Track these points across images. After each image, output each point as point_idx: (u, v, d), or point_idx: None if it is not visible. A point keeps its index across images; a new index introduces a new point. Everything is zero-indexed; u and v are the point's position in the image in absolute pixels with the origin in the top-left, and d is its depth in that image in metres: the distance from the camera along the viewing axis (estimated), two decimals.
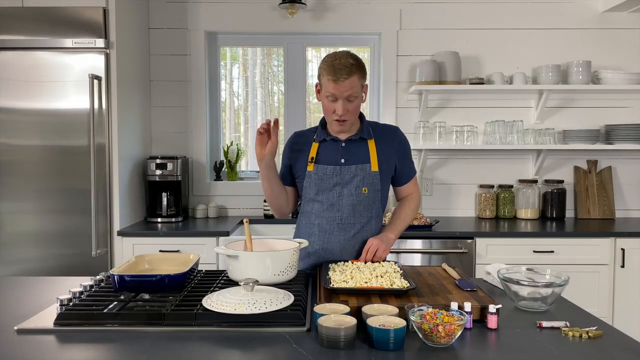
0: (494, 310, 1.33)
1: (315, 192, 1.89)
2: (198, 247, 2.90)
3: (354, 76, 1.75)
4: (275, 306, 1.31)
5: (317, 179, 1.87)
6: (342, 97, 1.76)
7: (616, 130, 3.33)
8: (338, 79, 1.74)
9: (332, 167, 1.86)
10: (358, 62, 1.78)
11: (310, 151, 1.90)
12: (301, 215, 1.99)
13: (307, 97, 3.67)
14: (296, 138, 1.98)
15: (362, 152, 1.88)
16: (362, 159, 1.87)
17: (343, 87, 1.74)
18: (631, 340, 1.26)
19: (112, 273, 1.48)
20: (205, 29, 3.48)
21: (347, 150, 1.88)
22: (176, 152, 3.51)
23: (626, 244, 2.92)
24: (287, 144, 1.99)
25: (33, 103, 2.85)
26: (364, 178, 1.86)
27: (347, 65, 1.74)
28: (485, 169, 3.53)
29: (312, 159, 1.89)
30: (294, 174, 1.96)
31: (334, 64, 1.75)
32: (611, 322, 2.88)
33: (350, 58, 1.77)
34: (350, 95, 1.76)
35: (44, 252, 2.88)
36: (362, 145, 1.89)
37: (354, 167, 1.86)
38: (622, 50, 3.46)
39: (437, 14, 3.46)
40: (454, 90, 3.35)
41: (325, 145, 1.91)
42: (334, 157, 1.88)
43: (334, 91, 1.76)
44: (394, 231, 1.91)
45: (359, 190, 1.86)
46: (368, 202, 1.88)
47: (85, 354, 1.18)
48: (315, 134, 1.93)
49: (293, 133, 2.02)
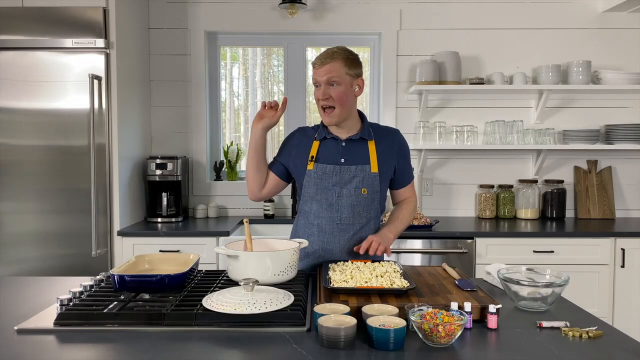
0: (494, 310, 1.33)
1: (315, 191, 1.88)
2: (198, 247, 2.90)
3: (335, 62, 1.79)
4: (275, 306, 1.31)
5: (316, 178, 1.87)
6: (322, 80, 1.80)
7: (616, 130, 3.33)
8: (317, 63, 1.81)
9: (331, 166, 1.86)
10: (344, 51, 1.82)
11: (311, 150, 1.91)
12: (299, 214, 1.99)
13: (307, 97, 3.67)
14: (299, 134, 1.99)
15: (362, 152, 1.88)
16: (362, 160, 1.87)
17: (322, 71, 1.80)
18: (631, 340, 1.26)
19: (112, 273, 1.48)
20: (205, 29, 3.48)
21: (347, 150, 1.88)
22: (176, 152, 3.51)
23: (626, 244, 2.92)
24: (289, 136, 1.99)
25: (33, 103, 2.85)
26: (364, 179, 1.86)
27: (330, 51, 1.82)
28: (485, 169, 3.53)
29: (312, 158, 1.89)
30: (292, 170, 1.95)
31: (320, 53, 1.83)
32: (611, 322, 2.88)
33: (336, 47, 1.83)
34: (329, 79, 1.78)
35: (44, 252, 2.88)
36: (362, 146, 1.89)
37: (353, 167, 1.85)
38: (622, 50, 3.46)
39: (437, 14, 3.47)
40: (454, 90, 3.35)
41: (325, 144, 1.91)
42: (334, 156, 1.88)
43: (315, 76, 1.82)
44: (393, 231, 1.91)
45: (359, 191, 1.86)
46: (367, 203, 1.88)
47: (85, 354, 1.18)
48: (317, 132, 1.93)
49: (297, 128, 2.02)
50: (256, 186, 1.95)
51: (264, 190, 1.97)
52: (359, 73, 1.85)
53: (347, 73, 1.80)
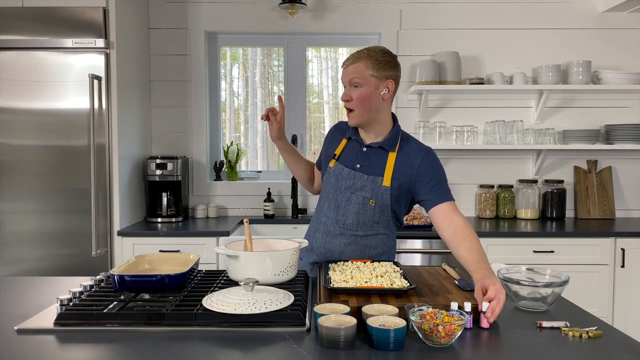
0: (486, 309, 1.33)
1: (328, 189, 1.88)
2: (198, 247, 2.90)
3: (360, 62, 1.75)
4: (275, 306, 1.31)
5: (333, 177, 1.86)
6: (346, 82, 1.78)
7: (616, 130, 3.33)
8: (345, 64, 1.80)
9: (347, 169, 1.84)
10: (373, 52, 1.76)
11: (339, 147, 1.91)
12: (316, 208, 2.00)
13: (307, 97, 3.67)
14: (335, 128, 2.01)
15: (379, 162, 1.81)
16: (376, 170, 1.81)
17: (347, 72, 1.77)
18: (631, 340, 1.26)
19: (112, 273, 1.48)
20: (205, 29, 3.48)
21: (365, 156, 1.84)
22: (176, 152, 3.51)
23: (626, 244, 2.92)
24: (329, 130, 2.02)
25: (33, 103, 2.85)
26: (373, 190, 1.79)
27: (358, 52, 1.78)
28: (485, 169, 3.53)
29: (334, 156, 1.89)
30: (323, 164, 1.98)
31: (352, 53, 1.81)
32: (611, 322, 2.88)
33: (367, 48, 1.79)
34: (352, 79, 1.75)
35: (44, 252, 2.88)
36: (381, 155, 1.82)
37: (366, 176, 1.81)
38: (622, 50, 3.46)
39: (437, 14, 3.47)
40: (454, 90, 3.35)
41: (350, 144, 1.89)
42: (352, 160, 1.85)
43: (342, 77, 1.81)
44: (490, 270, 1.51)
45: (366, 200, 1.80)
46: (374, 214, 1.82)
47: (85, 354, 1.18)
48: (348, 130, 1.92)
49: (338, 122, 2.04)
50: (304, 183, 2.11)
51: (315, 185, 2.11)
52: (388, 75, 1.76)
53: (372, 75, 1.74)
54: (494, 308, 1.33)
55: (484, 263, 1.52)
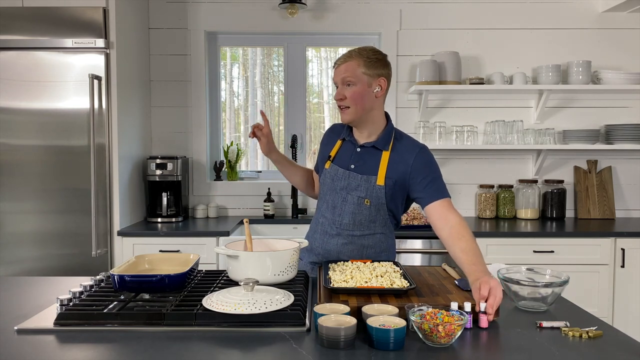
0: (484, 309, 1.33)
1: (325, 190, 1.90)
2: (198, 247, 2.90)
3: (352, 61, 1.77)
4: (275, 306, 1.31)
5: (329, 178, 1.88)
6: (338, 80, 1.79)
7: (616, 130, 3.33)
8: (336, 64, 1.81)
9: (342, 170, 1.85)
10: (364, 51, 1.78)
11: (334, 148, 1.92)
12: (315, 209, 2.01)
13: (307, 97, 3.67)
14: (330, 131, 2.02)
15: (373, 162, 1.82)
16: (370, 170, 1.82)
17: (339, 71, 1.79)
18: (631, 340, 1.26)
19: (112, 273, 1.48)
20: (205, 29, 3.48)
21: (359, 156, 1.85)
22: (176, 152, 3.51)
23: (626, 244, 2.92)
24: (324, 134, 2.03)
25: (33, 103, 2.85)
26: (368, 189, 1.80)
27: (349, 51, 1.80)
28: (485, 169, 3.53)
29: (329, 157, 1.91)
30: (319, 166, 1.99)
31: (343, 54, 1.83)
32: (611, 322, 2.88)
33: (359, 47, 1.81)
34: (344, 78, 1.77)
35: (44, 252, 2.88)
36: (375, 155, 1.83)
37: (360, 176, 1.82)
38: (622, 50, 3.46)
39: (437, 14, 3.47)
40: (454, 90, 3.35)
41: (345, 145, 1.91)
42: (346, 160, 1.87)
43: (334, 76, 1.82)
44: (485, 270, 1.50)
45: (362, 200, 1.81)
46: (370, 213, 1.83)
47: (85, 354, 1.18)
48: (343, 131, 1.93)
49: (332, 124, 2.04)
50: (304, 189, 2.13)
51: (315, 189, 2.11)
52: (380, 73, 1.78)
53: (364, 73, 1.76)
54: (492, 304, 1.33)
55: (479, 264, 1.51)
